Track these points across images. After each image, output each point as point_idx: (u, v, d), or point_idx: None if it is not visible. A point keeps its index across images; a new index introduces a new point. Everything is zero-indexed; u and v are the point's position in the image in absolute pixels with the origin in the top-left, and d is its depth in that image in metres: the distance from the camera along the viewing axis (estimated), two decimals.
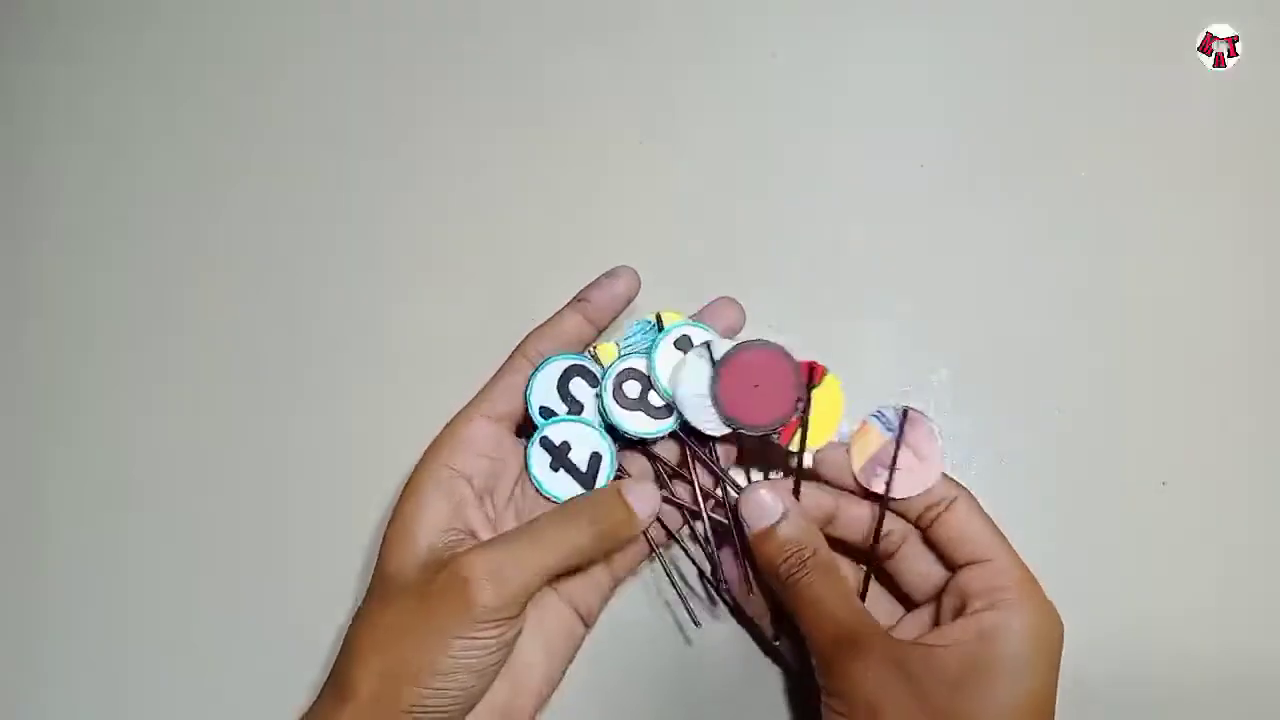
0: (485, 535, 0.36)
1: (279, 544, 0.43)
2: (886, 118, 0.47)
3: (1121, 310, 0.44)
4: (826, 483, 0.38)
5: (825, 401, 0.37)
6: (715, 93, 0.47)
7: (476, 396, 0.38)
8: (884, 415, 0.38)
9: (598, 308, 0.39)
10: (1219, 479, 0.42)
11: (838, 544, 0.37)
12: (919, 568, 0.37)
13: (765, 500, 0.36)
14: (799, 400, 0.37)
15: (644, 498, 0.36)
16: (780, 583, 0.35)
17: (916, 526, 0.37)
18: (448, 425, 0.37)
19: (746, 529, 0.36)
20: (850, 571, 0.38)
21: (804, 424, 0.37)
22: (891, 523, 0.37)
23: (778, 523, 0.35)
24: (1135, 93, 0.47)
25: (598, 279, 0.39)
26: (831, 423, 0.37)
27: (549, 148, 0.47)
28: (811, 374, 0.37)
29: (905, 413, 0.37)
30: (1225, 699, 0.40)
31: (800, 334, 0.42)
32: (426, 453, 0.37)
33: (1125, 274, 0.45)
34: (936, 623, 0.36)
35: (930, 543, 0.37)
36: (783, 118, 0.47)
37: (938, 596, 0.37)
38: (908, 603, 0.38)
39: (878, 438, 0.37)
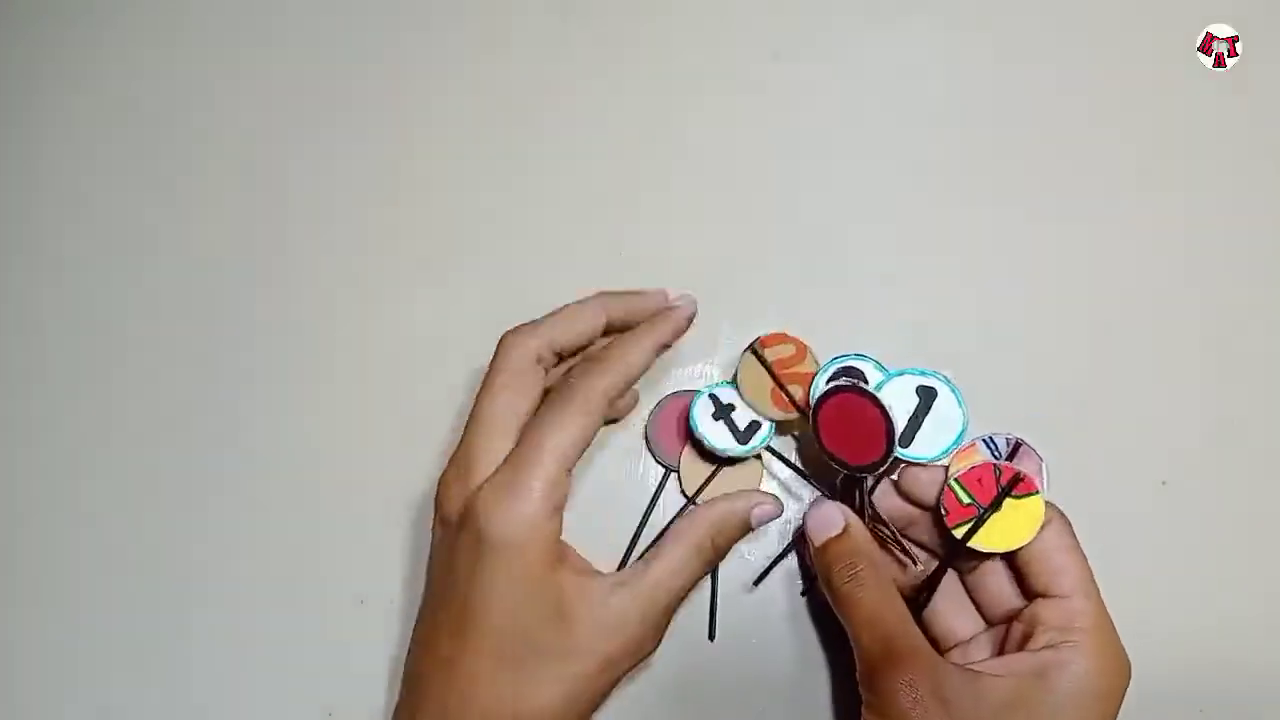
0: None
1: (276, 550, 0.43)
2: (887, 118, 0.47)
3: (1121, 310, 0.44)
4: (909, 498, 0.38)
5: (1020, 512, 0.35)
6: (715, 93, 0.47)
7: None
8: (994, 442, 0.37)
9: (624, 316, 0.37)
10: (1219, 479, 0.42)
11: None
12: (991, 585, 0.37)
13: (830, 514, 0.36)
14: (889, 451, 0.36)
15: (764, 515, 0.36)
16: (833, 592, 0.35)
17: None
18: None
19: (810, 541, 0.37)
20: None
21: (980, 519, 0.35)
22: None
23: (838, 535, 0.36)
24: (1135, 93, 0.47)
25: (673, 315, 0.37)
26: (1015, 537, 0.35)
27: (549, 148, 0.47)
28: (1013, 480, 0.35)
29: (1017, 445, 0.36)
30: (1224, 698, 0.40)
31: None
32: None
33: (1125, 274, 0.45)
34: (1001, 648, 0.36)
35: (1012, 559, 0.36)
36: (783, 118, 0.47)
37: (1009, 620, 0.36)
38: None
39: (981, 459, 0.36)
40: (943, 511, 0.35)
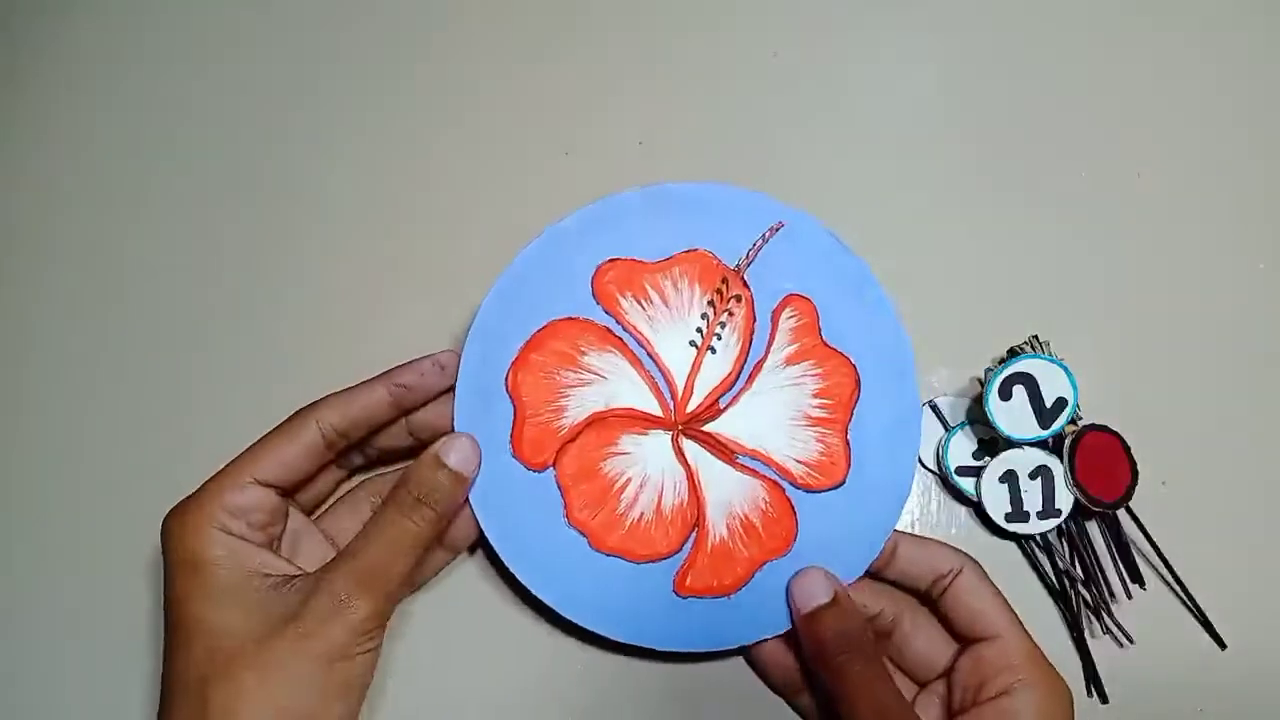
0: (296, 572, 0.34)
1: None
2: (887, 117, 0.47)
3: (1121, 309, 0.44)
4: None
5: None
6: (715, 93, 0.47)
7: (247, 453, 0.36)
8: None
9: (413, 397, 0.37)
10: (1219, 479, 0.42)
11: None
12: (918, 646, 0.37)
13: (816, 581, 0.36)
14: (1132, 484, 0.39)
15: (464, 456, 0.35)
16: (826, 666, 0.35)
17: (926, 598, 0.38)
18: (212, 484, 0.35)
19: (794, 610, 0.36)
20: None
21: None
22: (884, 602, 0.37)
23: (828, 605, 0.35)
24: (1135, 92, 0.47)
25: (418, 364, 0.37)
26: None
27: (549, 148, 0.47)
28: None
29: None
30: (1224, 698, 0.40)
31: None
32: (188, 512, 0.34)
33: (1124, 273, 0.45)
34: (949, 705, 0.36)
35: (940, 615, 0.37)
36: (783, 118, 0.47)
37: (947, 674, 0.37)
38: (915, 679, 0.38)
39: None
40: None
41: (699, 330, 0.38)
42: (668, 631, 0.37)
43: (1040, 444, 0.40)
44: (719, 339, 0.38)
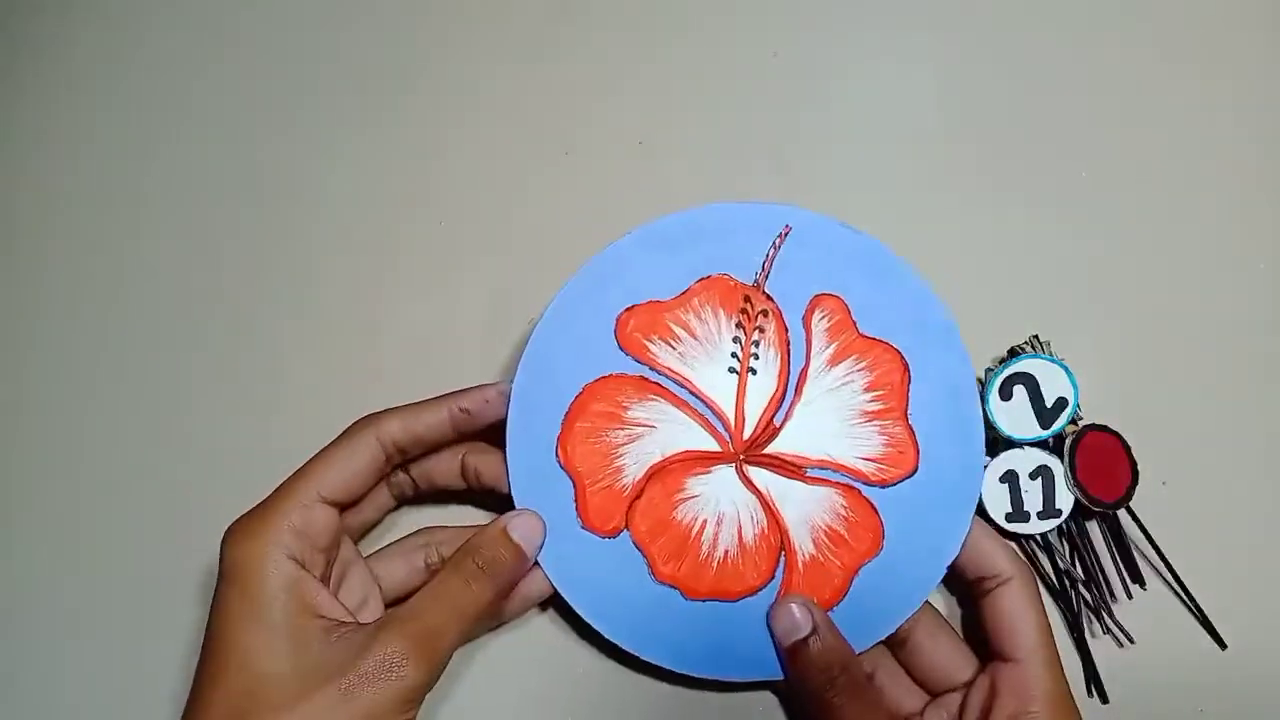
0: (347, 618, 0.34)
1: None
2: (886, 117, 0.47)
3: (1121, 309, 0.44)
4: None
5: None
6: (715, 92, 0.47)
7: (311, 468, 0.35)
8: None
9: (472, 422, 0.37)
10: (1219, 479, 0.42)
11: None
12: (929, 655, 0.37)
13: (795, 614, 0.35)
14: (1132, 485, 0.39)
15: (529, 533, 0.36)
16: (814, 701, 0.34)
17: (970, 592, 0.37)
18: (278, 500, 0.34)
19: (776, 643, 0.36)
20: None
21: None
22: None
23: (807, 638, 0.35)
24: (1135, 93, 0.47)
25: (484, 390, 0.37)
26: None
27: (549, 148, 0.47)
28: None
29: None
30: (1224, 698, 0.40)
31: None
32: (253, 531, 0.33)
33: (1125, 274, 0.45)
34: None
35: (975, 617, 0.37)
36: (783, 117, 0.47)
37: (964, 689, 0.36)
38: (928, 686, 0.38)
39: None
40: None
41: (734, 355, 0.38)
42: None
43: (1040, 444, 0.39)
44: (756, 358, 0.38)
